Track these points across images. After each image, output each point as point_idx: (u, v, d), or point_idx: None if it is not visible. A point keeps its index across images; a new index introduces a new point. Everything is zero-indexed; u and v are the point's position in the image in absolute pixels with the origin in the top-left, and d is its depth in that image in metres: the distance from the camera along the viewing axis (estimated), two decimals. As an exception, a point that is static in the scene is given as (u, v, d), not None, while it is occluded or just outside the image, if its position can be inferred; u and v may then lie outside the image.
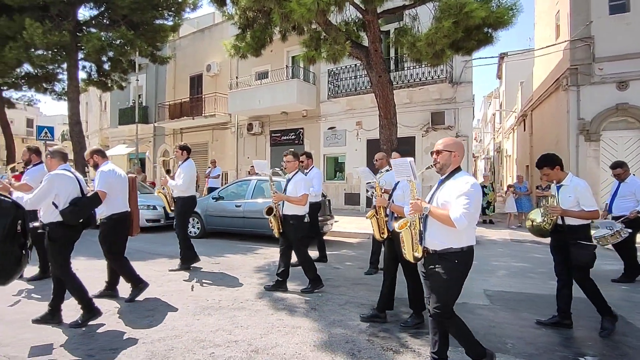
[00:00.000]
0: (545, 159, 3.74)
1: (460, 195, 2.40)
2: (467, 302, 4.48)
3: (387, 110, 9.26)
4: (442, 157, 2.62)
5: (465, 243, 2.51)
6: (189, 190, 5.88)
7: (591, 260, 3.48)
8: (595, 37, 10.91)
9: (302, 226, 4.78)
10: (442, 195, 2.55)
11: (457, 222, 2.36)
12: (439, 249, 2.53)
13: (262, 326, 3.67)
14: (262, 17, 9.80)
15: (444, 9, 7.03)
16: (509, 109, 25.69)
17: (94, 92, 22.64)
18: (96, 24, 13.04)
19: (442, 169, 2.63)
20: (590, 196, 3.53)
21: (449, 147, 2.63)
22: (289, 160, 4.88)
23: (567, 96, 11.39)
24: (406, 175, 2.68)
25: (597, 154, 11.02)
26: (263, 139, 16.87)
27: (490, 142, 38.27)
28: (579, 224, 3.56)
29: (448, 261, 2.50)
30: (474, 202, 2.40)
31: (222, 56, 17.09)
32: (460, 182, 2.47)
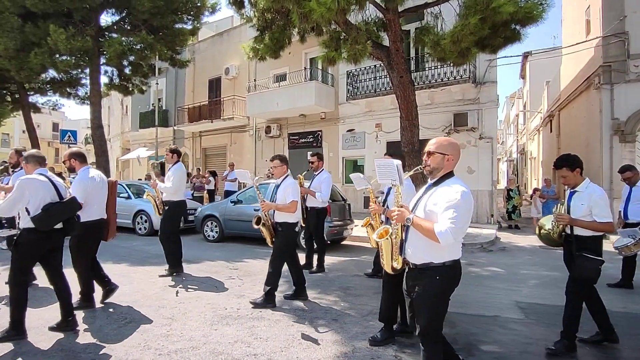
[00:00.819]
0: (567, 159, 3.35)
1: (448, 207, 2.11)
2: (499, 315, 4.20)
3: (408, 112, 9.00)
4: (434, 160, 2.32)
5: (449, 257, 2.23)
6: (178, 194, 5.71)
7: (596, 275, 3.15)
8: (629, 33, 10.35)
9: (292, 234, 4.48)
10: (428, 202, 2.26)
11: (441, 237, 2.07)
12: (419, 263, 2.27)
13: (282, 338, 3.49)
14: (281, 19, 9.70)
15: (469, 5, 6.74)
16: (534, 109, 24.90)
17: (116, 96, 23.10)
18: (117, 29, 13.23)
19: (432, 172, 2.33)
20: (606, 206, 3.18)
21: (443, 149, 2.32)
22: (275, 165, 4.55)
23: (600, 95, 10.84)
24: (391, 179, 2.43)
25: (632, 156, 10.43)
26: (281, 142, 16.78)
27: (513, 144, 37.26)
28: (589, 235, 3.22)
29: (429, 277, 2.23)
30: (463, 215, 2.10)
31: (241, 59, 17.21)
32: (450, 191, 2.17)
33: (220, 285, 5.27)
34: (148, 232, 9.45)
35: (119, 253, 7.43)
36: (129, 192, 10.09)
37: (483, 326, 3.81)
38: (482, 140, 12.28)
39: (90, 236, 4.18)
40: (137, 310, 4.20)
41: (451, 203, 2.11)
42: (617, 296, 4.98)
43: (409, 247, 2.32)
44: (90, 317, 3.99)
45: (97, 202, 4.16)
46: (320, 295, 4.87)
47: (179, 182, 5.67)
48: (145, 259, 7.06)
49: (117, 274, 5.76)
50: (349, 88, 14.21)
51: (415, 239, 2.27)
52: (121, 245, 8.17)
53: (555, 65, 18.66)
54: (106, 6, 12.77)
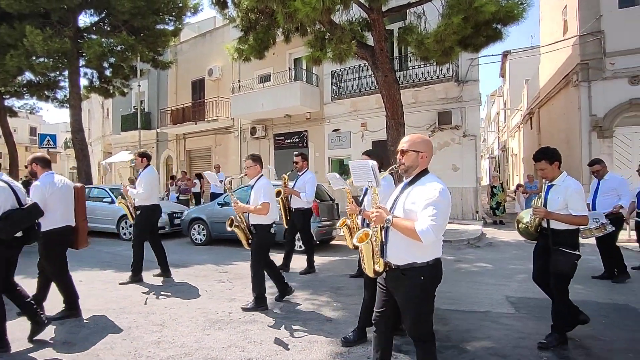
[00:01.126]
0: (546, 152, 3.38)
1: (428, 205, 2.08)
2: (491, 310, 4.26)
3: (394, 111, 9.05)
4: (408, 158, 2.27)
5: (431, 256, 2.20)
6: (150, 199, 5.55)
7: (571, 270, 3.19)
8: (605, 32, 10.67)
9: (267, 237, 4.38)
10: (407, 202, 2.22)
11: (423, 235, 2.03)
12: (402, 264, 2.21)
13: (276, 341, 3.45)
14: (265, 19, 9.64)
15: (452, 4, 6.82)
16: (514, 107, 25.43)
17: (96, 99, 22.58)
18: (97, 30, 12.94)
19: (408, 171, 2.29)
20: (581, 200, 3.21)
21: (416, 146, 2.28)
22: (248, 165, 4.41)
23: (578, 92, 11.14)
24: (367, 180, 2.33)
25: (610, 151, 10.76)
26: (267, 143, 16.68)
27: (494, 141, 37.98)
28: (564, 229, 3.24)
29: (413, 278, 2.19)
30: (442, 212, 2.09)
31: (224, 60, 17.03)
32: (428, 189, 2.15)
33: (210, 289, 5.19)
34: (133, 237, 9.25)
35: (104, 259, 7.25)
36: (112, 197, 9.86)
37: (475, 322, 3.86)
38: (465, 138, 12.46)
39: (57, 244, 3.95)
40: (125, 318, 4.10)
41: (430, 200, 2.09)
42: (602, 288, 5.12)
43: (390, 249, 2.26)
44: (76, 326, 3.88)
45: (61, 209, 3.93)
46: (312, 296, 4.85)
47: (150, 186, 5.48)
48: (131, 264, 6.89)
49: (103, 281, 5.64)
50: (333, 88, 14.23)
51: (396, 239, 2.22)
52: (105, 251, 7.98)
53: (534, 63, 19.09)
54: (85, 7, 12.47)
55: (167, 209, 10.02)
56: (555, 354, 3.11)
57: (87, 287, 5.23)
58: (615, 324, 3.80)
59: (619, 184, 5.47)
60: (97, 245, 8.69)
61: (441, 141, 12.82)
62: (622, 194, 5.39)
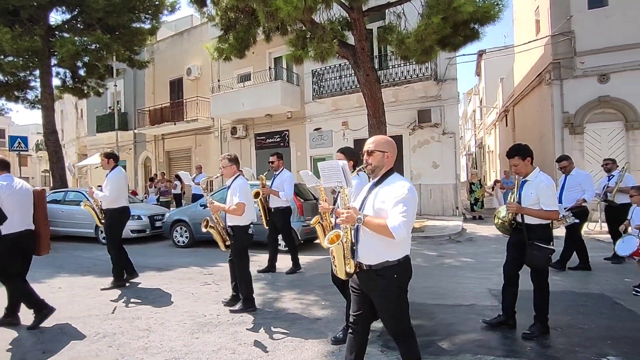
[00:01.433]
0: (518, 149, 3.49)
1: (398, 202, 2.11)
2: (475, 303, 4.37)
3: (375, 109, 9.15)
4: (375, 158, 2.30)
5: (402, 254, 2.24)
6: (118, 201, 5.38)
7: (546, 264, 3.32)
8: (575, 32, 11.07)
9: (246, 237, 4.32)
10: (376, 201, 2.23)
11: (395, 232, 2.05)
12: (374, 263, 2.22)
13: (266, 342, 3.45)
14: (245, 18, 9.56)
15: (432, 4, 6.96)
16: (489, 104, 26.08)
17: (70, 100, 21.85)
18: (69, 28, 12.49)
19: (374, 171, 2.32)
20: (552, 195, 3.34)
21: (382, 146, 2.32)
22: (224, 164, 4.31)
23: (551, 90, 11.53)
24: (337, 180, 2.32)
25: (581, 147, 11.18)
26: (248, 143, 16.55)
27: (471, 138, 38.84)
28: (537, 224, 3.36)
29: (386, 278, 2.21)
30: (412, 209, 2.13)
31: (203, 59, 16.79)
32: (396, 187, 2.18)
33: (196, 292, 5.12)
34: (113, 241, 9.02)
35: (84, 264, 7.04)
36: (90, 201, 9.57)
37: (461, 315, 3.95)
38: (445, 135, 12.70)
39: (15, 250, 3.80)
40: (109, 324, 4.00)
41: (399, 198, 2.12)
42: (578, 278, 5.33)
43: (361, 249, 2.27)
44: (58, 334, 3.76)
45: (19, 213, 3.78)
46: (300, 296, 4.86)
47: (117, 189, 5.30)
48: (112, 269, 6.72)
49: (83, 287, 5.49)
50: (314, 87, 14.24)
51: (368, 239, 2.23)
52: (85, 256, 7.75)
53: (508, 62, 19.63)
54: (56, 4, 12.02)
55: (148, 212, 9.82)
56: (539, 344, 3.22)
57: (67, 294, 5.09)
58: (593, 312, 3.98)
59: (583, 179, 5.79)
60: (76, 250, 8.45)
61: (421, 139, 13.04)
62: (586, 189, 5.70)
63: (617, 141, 10.94)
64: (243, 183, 4.28)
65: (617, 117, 10.85)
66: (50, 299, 4.88)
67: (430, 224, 10.56)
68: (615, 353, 3.02)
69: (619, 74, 10.60)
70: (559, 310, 4.01)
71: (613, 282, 5.06)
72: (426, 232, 9.33)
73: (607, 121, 10.99)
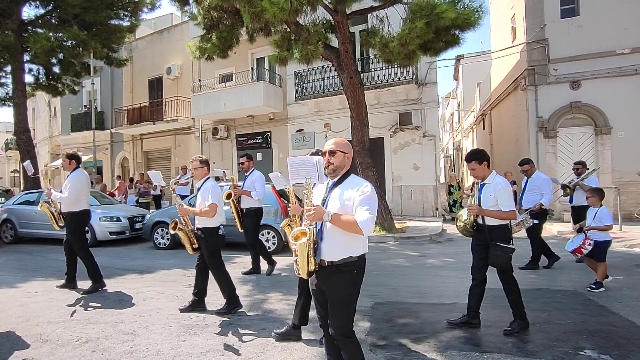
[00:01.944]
0: (475, 153, 3.65)
1: (363, 199, 2.20)
2: (457, 302, 4.48)
3: (358, 112, 9.27)
4: (337, 159, 2.35)
5: (362, 250, 2.32)
6: (79, 204, 5.21)
7: (507, 262, 3.43)
8: (549, 40, 11.53)
9: (215, 239, 4.27)
10: (341, 200, 2.28)
11: (363, 226, 2.13)
12: (338, 259, 2.27)
13: (255, 343, 3.45)
14: (229, 17, 9.52)
15: (415, 10, 7.12)
16: (467, 108, 26.72)
17: (42, 97, 21.10)
18: (43, 23, 12.07)
19: (336, 171, 2.36)
20: (509, 196, 3.46)
21: (343, 147, 2.38)
22: (195, 166, 4.27)
23: (526, 95, 11.96)
24: (305, 177, 2.30)
25: (555, 150, 11.64)
26: (229, 144, 16.41)
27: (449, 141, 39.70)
28: (496, 224, 3.50)
29: (347, 273, 2.27)
30: (375, 206, 2.24)
31: (183, 58, 16.55)
32: (359, 186, 2.26)
33: (180, 295, 5.05)
34: (90, 243, 8.75)
35: (60, 268, 6.77)
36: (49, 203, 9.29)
37: (445, 313, 4.05)
38: (425, 138, 12.96)
39: None
40: (92, 328, 3.90)
41: (364, 196, 2.21)
42: (552, 276, 5.55)
43: (325, 246, 2.29)
44: (38, 340, 3.64)
45: None
46: (287, 297, 4.87)
47: (77, 191, 5.12)
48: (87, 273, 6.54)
49: (60, 291, 5.32)
50: (297, 89, 14.27)
51: (332, 235, 2.26)
52: (61, 259, 7.43)
53: (485, 67, 20.20)
54: (29, -2, 11.63)
55: (127, 213, 9.60)
56: (519, 339, 3.35)
57: (45, 298, 4.93)
58: (567, 308, 4.16)
59: (542, 183, 6.04)
60: (51, 253, 8.18)
61: (402, 141, 13.26)
62: (544, 192, 5.96)
63: (587, 145, 11.45)
64: (214, 185, 4.27)
65: (588, 122, 11.36)
66: (26, 304, 4.75)
67: (411, 225, 10.74)
68: (591, 346, 3.17)
69: (590, 81, 11.10)
70: (536, 307, 4.17)
71: (585, 279, 5.29)
72: (407, 233, 9.49)
73: (578, 126, 11.49)
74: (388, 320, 3.95)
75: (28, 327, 3.91)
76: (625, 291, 4.73)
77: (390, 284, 5.32)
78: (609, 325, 3.63)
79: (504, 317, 3.91)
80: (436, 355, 3.10)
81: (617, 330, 3.51)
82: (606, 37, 10.86)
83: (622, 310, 4.02)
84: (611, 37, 10.82)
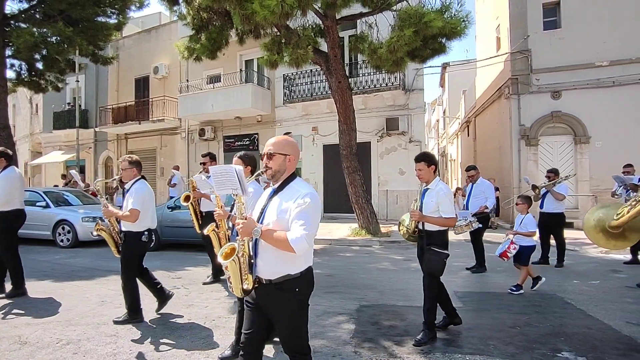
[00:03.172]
0: (425, 155, 3.66)
1: (300, 212, 1.93)
2: (441, 304, 4.57)
3: (346, 116, 9.35)
4: (275, 162, 2.08)
5: (304, 265, 2.06)
6: (9, 204, 4.94)
7: (441, 268, 3.41)
8: (532, 50, 11.85)
9: (137, 245, 4.05)
10: (277, 210, 2.02)
11: (295, 245, 1.88)
12: (275, 277, 2.01)
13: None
14: (218, 18, 9.51)
15: (404, 17, 7.24)
16: (452, 115, 27.17)
17: (23, 93, 20.60)
18: (27, 18, 11.80)
19: (275, 176, 2.10)
20: (450, 203, 3.47)
21: (283, 148, 2.09)
22: (124, 167, 4.09)
23: (509, 104, 12.24)
24: (231, 187, 2.06)
25: (536, 157, 11.94)
26: (216, 145, 16.30)
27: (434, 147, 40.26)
28: (436, 230, 3.50)
29: (287, 292, 2.02)
30: (314, 219, 1.97)
31: (171, 58, 16.41)
32: (298, 195, 1.98)
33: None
34: (72, 243, 8.60)
35: (41, 268, 6.67)
36: (47, 201, 9.09)
37: (429, 316, 4.13)
38: (411, 143, 13.15)
39: None
40: (73, 330, 3.84)
41: (302, 207, 1.94)
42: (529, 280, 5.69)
43: (260, 262, 2.04)
44: (16, 342, 3.56)
45: None
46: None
47: (7, 190, 4.93)
48: (72, 273, 6.44)
49: (41, 292, 5.21)
50: (285, 91, 14.30)
51: (267, 251, 2.01)
52: (41, 260, 7.35)
53: (470, 75, 20.59)
54: (12, -8, 11.36)
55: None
56: (501, 342, 3.44)
57: (24, 299, 4.81)
58: (547, 311, 4.28)
59: (486, 188, 6.31)
60: (31, 253, 7.97)
61: (389, 146, 13.41)
62: (488, 196, 6.23)
63: (567, 153, 11.78)
64: (141, 188, 4.02)
65: (568, 131, 11.69)
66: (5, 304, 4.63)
67: (397, 229, 10.85)
68: (569, 349, 3.28)
69: (570, 91, 11.45)
70: (518, 310, 4.29)
71: (563, 283, 5.46)
72: (393, 237, 9.59)
73: (558, 135, 11.82)
74: (374, 322, 4.00)
75: (5, 329, 3.82)
76: (601, 295, 4.90)
77: (375, 287, 5.38)
78: (585, 328, 3.75)
79: (486, 320, 4.02)
80: (420, 357, 3.16)
81: (593, 333, 3.63)
82: (586, 49, 11.23)
83: (598, 314, 4.16)
84: (590, 50, 11.20)
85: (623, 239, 3.75)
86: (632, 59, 10.88)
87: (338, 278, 5.99)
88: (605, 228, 3.17)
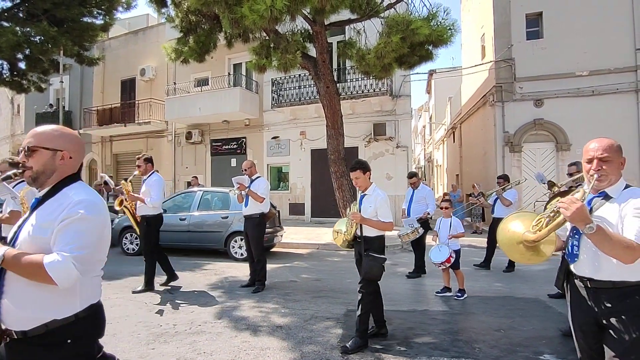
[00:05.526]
0: (360, 163, 3.67)
1: (64, 227, 1.37)
2: (428, 309, 4.62)
3: (334, 121, 9.38)
4: (37, 160, 1.48)
5: (81, 303, 1.47)
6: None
7: (380, 273, 3.43)
8: (515, 59, 12.14)
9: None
10: (34, 226, 1.43)
11: (54, 271, 1.31)
12: (29, 328, 1.37)
13: (227, 351, 3.42)
14: (207, 22, 9.46)
15: (391, 24, 7.33)
16: (438, 121, 27.56)
17: (4, 94, 20.10)
18: (10, 17, 11.55)
19: (38, 179, 1.49)
20: (387, 208, 3.54)
21: (51, 142, 1.49)
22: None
23: (494, 111, 12.49)
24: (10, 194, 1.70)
25: (519, 164, 12.19)
26: (203, 148, 16.18)
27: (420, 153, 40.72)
28: (374, 236, 3.55)
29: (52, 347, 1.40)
30: (88, 237, 1.41)
31: (158, 60, 16.25)
32: (64, 204, 1.42)
33: (149, 301, 4.93)
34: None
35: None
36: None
37: (416, 320, 4.17)
38: (398, 148, 13.28)
39: None
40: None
41: (70, 220, 1.38)
42: (516, 285, 5.80)
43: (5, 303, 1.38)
44: None
45: None
46: (259, 304, 4.85)
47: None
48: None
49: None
50: (274, 96, 14.30)
51: (17, 287, 1.38)
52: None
53: (456, 82, 20.96)
54: (-6, -10, 11.13)
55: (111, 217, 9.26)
56: (486, 345, 3.50)
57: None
58: (530, 315, 4.37)
59: (427, 194, 6.47)
60: None
61: (376, 151, 13.52)
62: (429, 202, 6.40)
63: (549, 160, 12.07)
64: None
65: (549, 138, 11.98)
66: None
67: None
68: (550, 351, 3.36)
69: (552, 99, 11.75)
70: (502, 314, 4.37)
71: (546, 287, 5.57)
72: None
73: (541, 142, 12.10)
74: (361, 327, 4.00)
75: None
76: (581, 299, 5.01)
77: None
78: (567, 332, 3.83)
79: (472, 324, 4.07)
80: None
81: (574, 336, 3.71)
82: (567, 59, 11.56)
83: (578, 317, 4.25)
84: (571, 60, 11.53)
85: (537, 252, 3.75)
86: (611, 69, 11.23)
87: (326, 282, 5.99)
88: (522, 240, 3.14)
